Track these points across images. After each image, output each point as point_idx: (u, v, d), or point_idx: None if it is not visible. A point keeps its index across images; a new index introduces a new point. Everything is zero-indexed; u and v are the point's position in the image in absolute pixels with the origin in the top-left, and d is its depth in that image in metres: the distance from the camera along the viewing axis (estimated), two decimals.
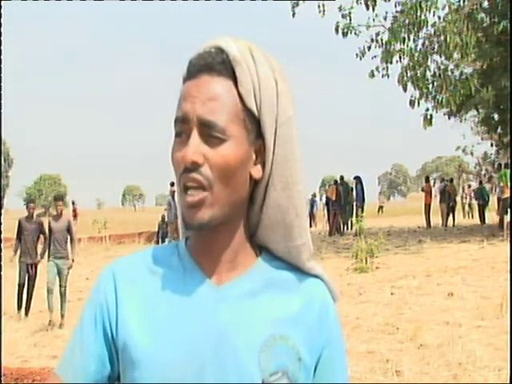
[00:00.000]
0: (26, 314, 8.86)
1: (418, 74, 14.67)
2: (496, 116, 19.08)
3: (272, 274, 0.97)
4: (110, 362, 0.94)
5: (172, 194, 15.88)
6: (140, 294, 0.94)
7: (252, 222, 0.98)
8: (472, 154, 27.69)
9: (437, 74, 14.75)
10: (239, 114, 0.91)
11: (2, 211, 10.19)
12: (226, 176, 0.89)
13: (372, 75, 15.91)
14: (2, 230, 7.79)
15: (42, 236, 9.13)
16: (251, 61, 0.92)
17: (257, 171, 0.94)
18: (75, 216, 30.85)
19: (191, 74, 0.92)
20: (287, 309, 0.94)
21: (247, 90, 0.91)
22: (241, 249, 0.96)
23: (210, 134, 0.89)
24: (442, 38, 13.76)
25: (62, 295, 8.45)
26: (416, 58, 14.52)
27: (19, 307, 8.91)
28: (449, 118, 19.68)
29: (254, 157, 0.93)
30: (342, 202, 20.24)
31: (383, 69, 15.65)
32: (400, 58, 14.91)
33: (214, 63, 0.91)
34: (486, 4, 16.36)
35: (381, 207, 36.71)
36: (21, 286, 8.99)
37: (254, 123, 0.92)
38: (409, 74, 14.63)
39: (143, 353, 0.90)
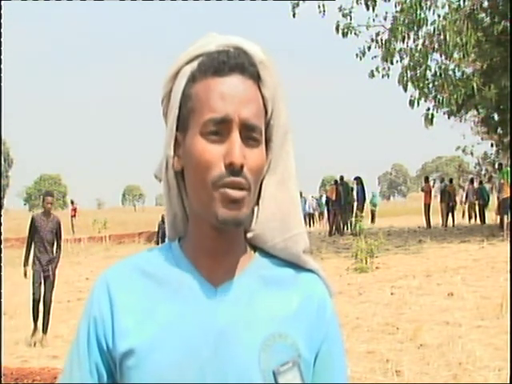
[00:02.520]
0: (45, 331, 7.23)
1: (418, 74, 14.67)
2: (496, 116, 19.09)
3: (269, 271, 0.97)
4: (107, 373, 0.93)
5: None
6: (137, 300, 0.93)
7: (247, 219, 0.97)
8: (472, 154, 27.68)
9: (437, 73, 14.75)
10: (263, 117, 0.93)
11: (2, 211, 10.11)
12: (258, 178, 0.92)
13: (372, 75, 15.92)
14: (1, 230, 7.80)
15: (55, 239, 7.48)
16: (272, 65, 0.94)
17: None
18: (75, 215, 30.90)
19: (221, 71, 0.90)
20: (286, 306, 0.94)
21: (270, 94, 0.93)
22: (238, 248, 0.96)
23: (250, 136, 0.89)
24: (442, 37, 13.76)
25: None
26: (416, 58, 14.52)
27: (35, 328, 7.30)
28: (448, 118, 19.68)
29: None
30: (342, 202, 20.26)
31: (383, 69, 15.66)
32: (400, 57, 14.92)
33: (246, 64, 0.91)
34: (486, 4, 16.35)
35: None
36: (36, 302, 7.27)
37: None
38: (409, 74, 14.63)
39: (142, 356, 0.89)
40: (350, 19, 15.36)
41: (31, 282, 7.31)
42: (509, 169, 15.22)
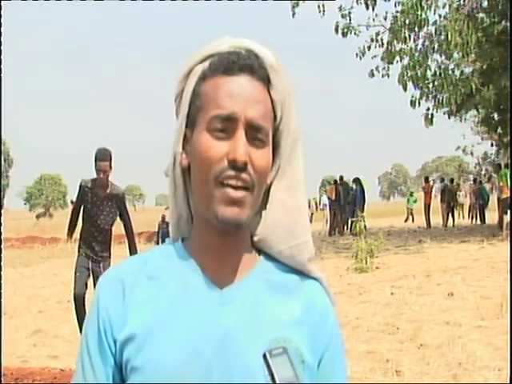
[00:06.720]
0: None
1: (419, 74, 14.66)
2: (496, 116, 19.08)
3: (274, 276, 0.97)
4: (120, 377, 0.93)
5: None
6: (140, 301, 0.93)
7: (254, 222, 0.97)
8: (472, 154, 27.73)
9: (437, 73, 14.74)
10: (271, 120, 0.93)
11: (2, 211, 10.07)
12: (263, 179, 0.91)
13: (372, 75, 15.92)
14: (1, 230, 7.78)
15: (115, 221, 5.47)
16: (283, 70, 0.94)
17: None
18: None
19: (231, 70, 0.91)
20: (290, 312, 0.95)
21: (280, 98, 0.93)
22: (244, 250, 0.96)
23: (256, 136, 0.90)
24: (443, 37, 13.75)
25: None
26: (416, 58, 14.51)
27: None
28: (448, 117, 19.67)
29: None
30: (342, 201, 20.26)
31: (383, 68, 15.67)
32: (400, 57, 14.91)
33: (256, 66, 0.91)
34: (486, 4, 16.34)
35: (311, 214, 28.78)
36: (79, 300, 5.41)
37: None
38: (409, 74, 14.62)
39: (147, 356, 0.89)
40: (350, 19, 15.37)
41: (73, 275, 5.51)
42: (507, 170, 15.22)
